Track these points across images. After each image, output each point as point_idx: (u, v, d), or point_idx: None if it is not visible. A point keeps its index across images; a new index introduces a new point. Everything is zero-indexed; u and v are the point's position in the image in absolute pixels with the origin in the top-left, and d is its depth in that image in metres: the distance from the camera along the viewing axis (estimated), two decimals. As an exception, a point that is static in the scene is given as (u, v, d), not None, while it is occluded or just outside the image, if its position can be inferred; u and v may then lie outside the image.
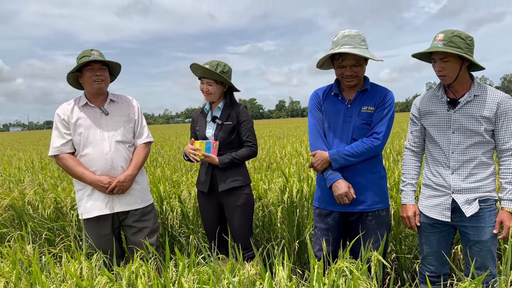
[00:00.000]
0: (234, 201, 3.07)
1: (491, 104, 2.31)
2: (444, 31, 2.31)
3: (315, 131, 2.69)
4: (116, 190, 2.83)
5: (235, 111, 3.10)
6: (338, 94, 2.65)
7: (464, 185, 2.37)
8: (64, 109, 2.91)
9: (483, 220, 2.35)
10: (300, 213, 3.55)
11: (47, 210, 3.97)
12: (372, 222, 2.60)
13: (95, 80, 2.82)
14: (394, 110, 2.62)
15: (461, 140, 2.38)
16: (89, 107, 2.92)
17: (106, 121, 2.92)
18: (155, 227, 3.06)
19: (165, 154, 10.16)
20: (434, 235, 2.52)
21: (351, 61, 2.50)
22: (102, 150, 2.86)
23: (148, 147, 3.10)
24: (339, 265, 1.96)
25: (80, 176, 2.83)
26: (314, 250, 2.77)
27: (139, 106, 3.12)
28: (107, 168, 2.86)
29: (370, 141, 2.53)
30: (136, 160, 2.96)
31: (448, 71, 2.32)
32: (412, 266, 3.27)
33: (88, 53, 2.80)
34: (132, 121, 3.02)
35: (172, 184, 4.47)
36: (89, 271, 2.25)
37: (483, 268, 2.37)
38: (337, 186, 2.51)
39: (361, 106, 2.58)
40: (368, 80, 2.65)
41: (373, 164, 2.62)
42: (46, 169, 7.07)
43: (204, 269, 2.17)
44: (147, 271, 2.15)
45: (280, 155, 7.97)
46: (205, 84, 3.05)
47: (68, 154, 2.87)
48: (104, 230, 2.90)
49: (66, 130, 2.88)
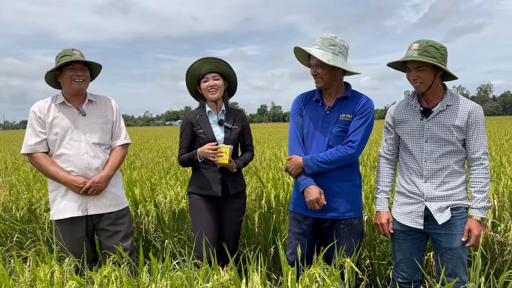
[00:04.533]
0: (238, 205, 3.09)
1: (462, 114, 2.36)
2: (418, 40, 2.35)
3: (294, 136, 2.72)
4: (91, 191, 2.78)
5: (239, 116, 3.12)
6: (319, 100, 2.67)
7: (436, 193, 2.42)
8: (40, 107, 2.84)
9: (454, 227, 2.40)
10: (276, 218, 3.55)
11: (20, 211, 3.88)
12: (345, 230, 2.63)
13: (75, 79, 2.78)
14: (373, 119, 2.62)
15: (434, 149, 2.42)
16: (66, 106, 2.87)
17: (83, 122, 2.87)
18: (130, 231, 3.02)
19: (144, 157, 10.05)
20: (407, 242, 2.56)
21: (314, 61, 2.56)
22: (78, 151, 2.81)
23: (125, 149, 3.06)
24: (311, 271, 1.97)
25: (54, 175, 2.77)
26: (286, 253, 2.79)
27: (118, 106, 3.08)
28: (82, 169, 2.81)
29: (344, 149, 2.54)
30: (112, 161, 2.92)
31: (423, 80, 2.36)
32: (386, 272, 3.31)
33: (70, 52, 2.76)
34: (109, 122, 2.97)
35: (150, 187, 4.42)
36: (60, 276, 2.21)
37: (454, 274, 2.42)
38: (309, 192, 2.54)
39: (340, 113, 2.60)
40: (349, 87, 2.67)
41: (347, 172, 2.64)
42: (20, 170, 6.91)
43: (177, 275, 2.15)
44: (120, 276, 2.11)
45: (259, 160, 7.97)
46: (211, 80, 2.98)
47: (41, 153, 2.81)
48: (77, 233, 2.84)
49: (41, 129, 2.82)
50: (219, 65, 3.00)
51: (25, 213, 3.93)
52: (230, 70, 3.06)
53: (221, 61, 3.00)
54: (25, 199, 4.08)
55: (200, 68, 2.99)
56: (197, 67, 2.99)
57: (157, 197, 3.96)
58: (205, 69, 2.99)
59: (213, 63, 2.99)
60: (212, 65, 2.99)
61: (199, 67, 3.00)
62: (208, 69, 2.99)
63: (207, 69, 2.99)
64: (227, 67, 3.03)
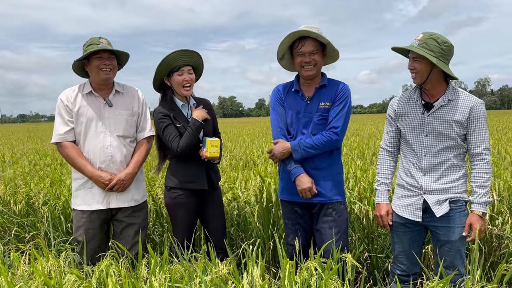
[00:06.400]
0: (218, 197, 3.07)
1: (464, 109, 2.35)
2: (425, 32, 2.36)
3: (276, 125, 2.76)
4: (116, 188, 2.78)
5: (207, 107, 3.05)
6: (299, 91, 2.73)
7: (435, 186, 2.42)
8: (68, 95, 2.82)
9: (453, 220, 2.40)
10: (275, 212, 3.56)
11: (18, 205, 3.88)
12: (333, 213, 2.70)
13: (103, 69, 2.76)
14: (351, 103, 2.71)
15: (434, 143, 2.42)
16: (93, 96, 2.85)
17: (109, 113, 2.85)
18: (145, 224, 3.02)
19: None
20: (406, 234, 2.57)
21: (309, 47, 2.59)
22: (102, 143, 2.81)
23: (150, 143, 3.03)
24: (308, 264, 1.97)
25: (81, 168, 2.77)
26: (287, 239, 2.86)
27: (144, 98, 3.06)
28: (106, 162, 2.81)
29: (329, 135, 2.62)
30: (137, 158, 2.91)
31: (418, 71, 2.37)
32: (384, 265, 3.32)
33: (96, 41, 2.74)
34: (135, 114, 2.96)
35: (148, 182, 4.42)
36: (58, 269, 2.21)
37: (452, 267, 2.43)
38: (301, 181, 2.61)
39: (319, 102, 2.67)
40: (325, 76, 2.75)
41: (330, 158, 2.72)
42: (18, 164, 6.90)
43: (176, 268, 2.15)
44: (118, 270, 2.11)
45: (257, 153, 7.97)
46: (186, 73, 2.87)
47: (70, 143, 2.81)
48: (94, 223, 2.85)
49: (69, 117, 2.81)
50: (194, 58, 2.94)
51: (23, 207, 3.93)
52: (202, 63, 3.03)
53: (197, 54, 2.93)
54: (23, 192, 4.08)
55: (176, 60, 2.85)
56: (173, 59, 2.85)
57: (155, 192, 3.96)
58: (182, 62, 2.86)
59: (190, 56, 2.90)
60: (189, 57, 2.90)
61: (176, 59, 2.85)
62: (185, 62, 2.88)
63: (184, 62, 2.87)
64: (201, 60, 3.00)
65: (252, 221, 3.50)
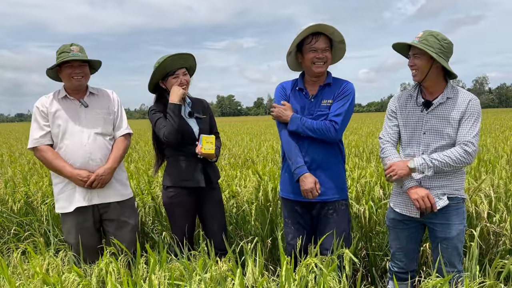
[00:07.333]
0: (217, 197, 3.06)
1: (461, 106, 2.37)
2: (425, 30, 2.39)
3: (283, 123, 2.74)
4: (95, 184, 2.79)
5: (203, 106, 3.08)
6: (303, 89, 2.73)
7: (432, 183, 2.43)
8: (43, 102, 2.87)
9: (450, 217, 2.42)
10: (273, 211, 3.57)
11: (17, 204, 3.88)
12: (333, 214, 2.70)
13: (74, 77, 2.79)
14: (354, 101, 2.68)
15: (431, 141, 2.43)
16: (68, 99, 2.89)
17: (86, 114, 2.88)
18: (135, 222, 3.03)
19: (140, 149, 10.05)
20: (404, 231, 2.58)
21: (323, 44, 2.59)
22: (80, 141, 2.82)
23: (128, 140, 3.05)
24: (307, 261, 1.98)
25: (59, 169, 2.78)
26: (287, 239, 2.84)
27: (119, 98, 3.08)
28: (85, 160, 2.81)
29: (331, 125, 2.59)
30: (115, 153, 2.92)
31: (418, 67, 2.39)
32: (382, 263, 3.34)
33: (68, 48, 2.76)
34: (112, 113, 2.99)
35: (147, 180, 4.42)
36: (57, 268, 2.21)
37: (449, 264, 2.44)
38: (304, 181, 2.58)
39: (322, 100, 2.67)
40: (330, 75, 2.74)
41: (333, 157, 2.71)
42: (16, 163, 6.89)
43: (175, 266, 2.16)
44: (117, 268, 2.12)
45: (256, 152, 7.98)
46: (181, 76, 2.90)
47: (47, 146, 2.83)
48: (85, 223, 2.85)
49: (45, 122, 2.84)
50: (189, 61, 2.97)
51: (22, 206, 3.93)
52: (195, 64, 3.04)
53: (192, 56, 2.95)
54: (22, 192, 4.08)
55: (173, 64, 2.87)
56: (170, 63, 2.86)
57: (154, 190, 3.97)
58: (179, 65, 2.89)
59: (186, 59, 2.92)
60: (184, 61, 2.92)
61: (172, 63, 2.86)
62: (181, 65, 2.90)
63: (181, 65, 2.90)
64: (195, 62, 3.01)
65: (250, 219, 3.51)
